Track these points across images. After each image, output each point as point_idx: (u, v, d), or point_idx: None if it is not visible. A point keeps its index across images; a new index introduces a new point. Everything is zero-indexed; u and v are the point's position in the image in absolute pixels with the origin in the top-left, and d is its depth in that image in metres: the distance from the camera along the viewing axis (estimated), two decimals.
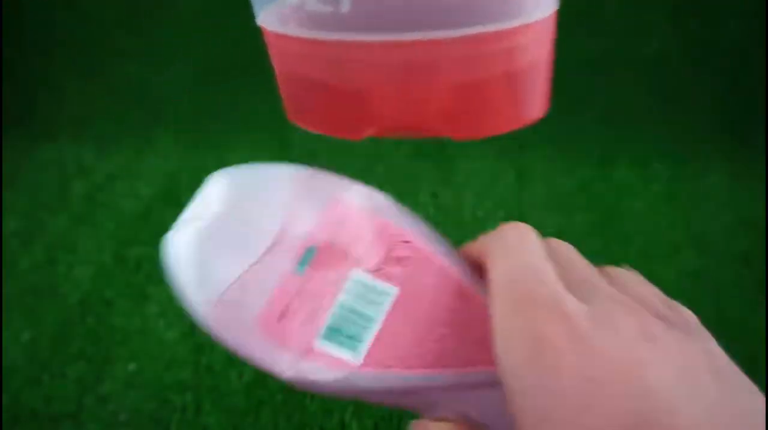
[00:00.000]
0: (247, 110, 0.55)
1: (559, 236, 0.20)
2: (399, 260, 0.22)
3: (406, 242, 0.23)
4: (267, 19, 0.14)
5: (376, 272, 0.22)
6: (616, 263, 0.19)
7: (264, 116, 0.54)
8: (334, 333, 0.21)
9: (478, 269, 0.22)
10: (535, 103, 0.15)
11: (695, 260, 0.44)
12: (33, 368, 0.39)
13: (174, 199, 0.49)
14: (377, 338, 0.21)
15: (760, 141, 0.51)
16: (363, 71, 0.13)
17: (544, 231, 0.19)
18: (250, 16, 0.19)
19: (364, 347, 0.21)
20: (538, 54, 0.14)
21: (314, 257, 0.21)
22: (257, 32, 0.17)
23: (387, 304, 0.22)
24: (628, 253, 0.45)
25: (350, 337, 0.21)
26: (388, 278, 0.22)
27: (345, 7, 0.12)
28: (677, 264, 0.44)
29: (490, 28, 0.13)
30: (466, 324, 0.23)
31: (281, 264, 0.21)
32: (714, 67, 0.53)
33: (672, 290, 0.48)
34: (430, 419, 0.22)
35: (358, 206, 0.22)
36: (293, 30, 0.13)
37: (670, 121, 0.53)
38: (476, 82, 0.13)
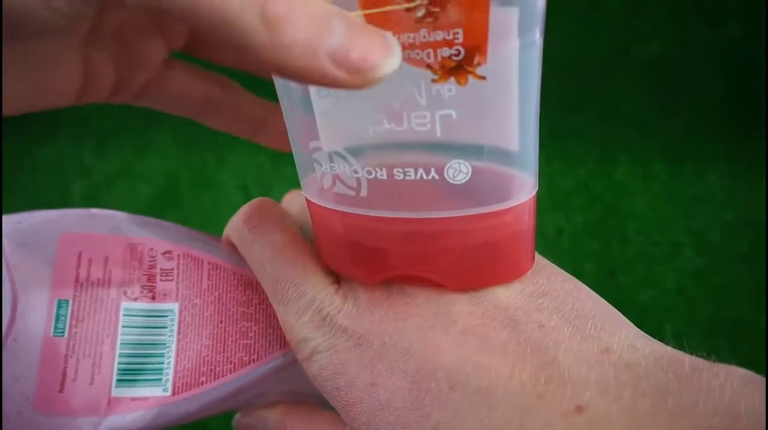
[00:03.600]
0: None
1: (559, 235, 0.20)
2: (165, 274, 0.20)
3: (166, 252, 0.21)
4: (308, 191, 0.18)
5: (146, 295, 0.20)
6: (616, 262, 0.19)
7: None
8: (130, 375, 0.19)
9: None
10: (520, 264, 0.17)
11: (695, 260, 0.44)
12: None
13: (174, 199, 0.49)
14: (178, 361, 0.19)
15: (761, 141, 0.51)
16: (379, 235, 0.17)
17: (545, 231, 0.18)
18: None
19: (169, 375, 0.19)
20: (521, 227, 0.17)
21: (70, 308, 0.19)
22: None
23: (173, 323, 0.20)
24: (628, 253, 0.45)
25: (149, 371, 0.19)
26: (162, 296, 0.20)
27: (363, 192, 0.16)
28: (677, 264, 0.44)
29: (481, 210, 0.16)
30: (262, 309, 0.21)
31: (35, 331, 0.18)
32: (714, 67, 0.53)
33: (672, 290, 0.48)
34: (259, 408, 0.21)
35: (94, 233, 0.20)
36: (327, 203, 0.17)
37: (670, 121, 0.53)
38: (469, 248, 0.16)
